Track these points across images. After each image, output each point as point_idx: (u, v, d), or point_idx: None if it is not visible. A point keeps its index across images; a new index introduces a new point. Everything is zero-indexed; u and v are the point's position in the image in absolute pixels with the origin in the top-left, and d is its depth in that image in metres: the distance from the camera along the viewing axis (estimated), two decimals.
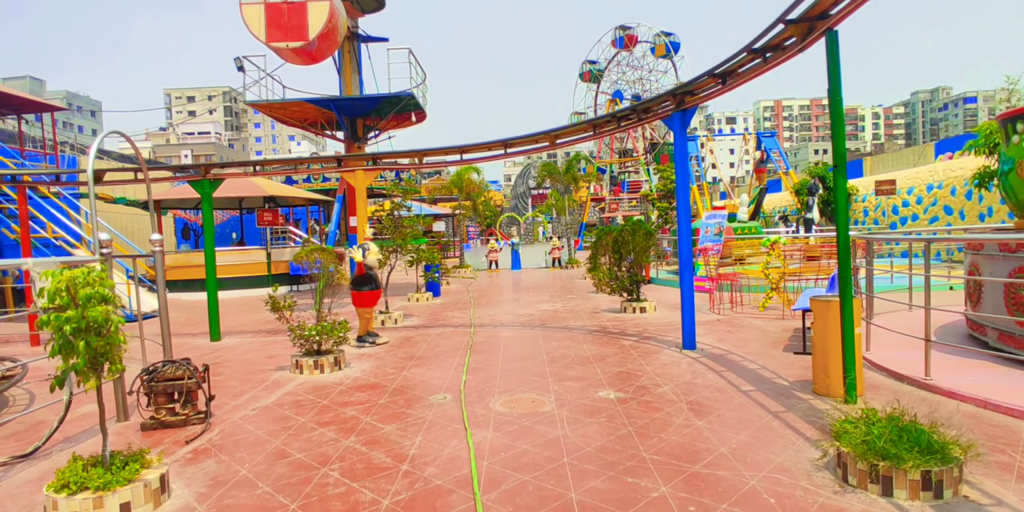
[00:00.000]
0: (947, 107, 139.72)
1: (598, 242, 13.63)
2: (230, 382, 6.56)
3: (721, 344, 7.49)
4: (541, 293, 14.61)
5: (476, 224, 41.47)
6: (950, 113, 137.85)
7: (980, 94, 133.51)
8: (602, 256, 13.79)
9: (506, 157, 8.57)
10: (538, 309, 11.57)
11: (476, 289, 16.27)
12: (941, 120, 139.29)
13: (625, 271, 10.43)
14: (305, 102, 14.05)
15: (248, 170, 9.10)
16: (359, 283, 8.23)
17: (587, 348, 7.56)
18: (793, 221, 21.70)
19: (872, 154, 35.70)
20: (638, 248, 10.16)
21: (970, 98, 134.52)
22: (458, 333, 9.13)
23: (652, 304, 10.44)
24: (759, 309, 10.01)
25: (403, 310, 12.14)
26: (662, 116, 7.21)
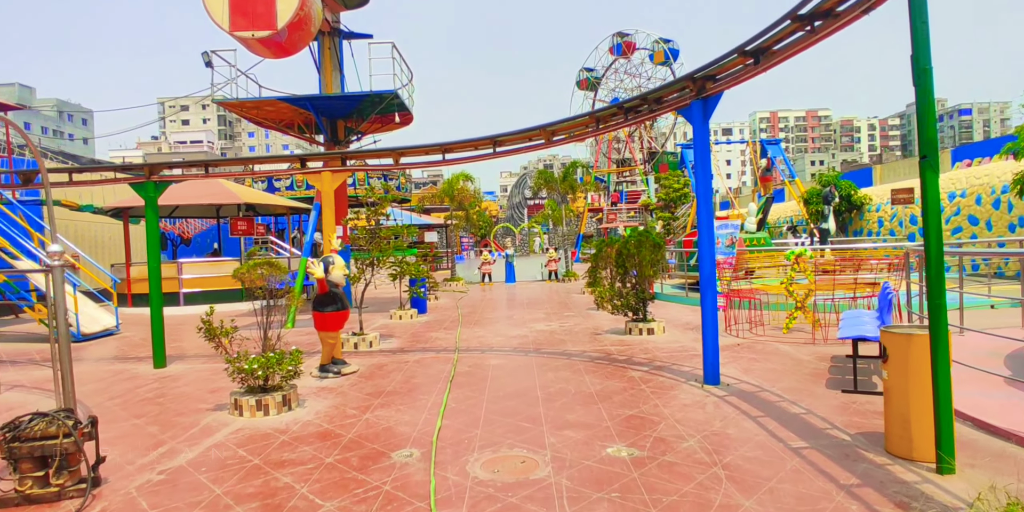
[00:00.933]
0: (942, 119, 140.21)
1: (599, 255, 12.46)
2: (150, 427, 5.31)
3: (749, 377, 6.29)
4: (536, 310, 13.40)
5: (470, 235, 40.33)
6: (945, 125, 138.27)
7: (975, 106, 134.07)
8: (603, 270, 12.63)
9: (495, 156, 7.42)
10: (532, 329, 10.36)
11: (466, 304, 15.06)
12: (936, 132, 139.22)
13: (630, 288, 9.25)
14: (279, 101, 12.91)
15: (199, 171, 7.94)
16: (322, 303, 7.03)
17: (590, 381, 6.35)
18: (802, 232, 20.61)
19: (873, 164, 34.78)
20: (644, 262, 8.99)
21: (965, 110, 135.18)
22: (440, 360, 7.91)
23: (661, 324, 9.25)
24: (782, 331, 8.83)
25: (382, 330, 10.91)
26: (678, 106, 6.07)
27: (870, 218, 18.83)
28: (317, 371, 7.16)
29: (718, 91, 5.71)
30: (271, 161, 7.89)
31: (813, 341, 8.03)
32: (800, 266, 8.65)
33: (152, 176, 7.79)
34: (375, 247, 9.33)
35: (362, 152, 8.03)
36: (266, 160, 7.90)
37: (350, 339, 9.06)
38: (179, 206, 19.13)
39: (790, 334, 8.72)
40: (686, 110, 5.99)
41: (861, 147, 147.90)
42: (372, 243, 9.36)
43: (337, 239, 7.62)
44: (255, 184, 24.14)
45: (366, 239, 9.26)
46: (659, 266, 9.13)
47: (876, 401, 5.16)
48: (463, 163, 7.39)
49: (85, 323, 11.20)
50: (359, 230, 9.13)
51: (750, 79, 5.44)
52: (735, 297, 9.38)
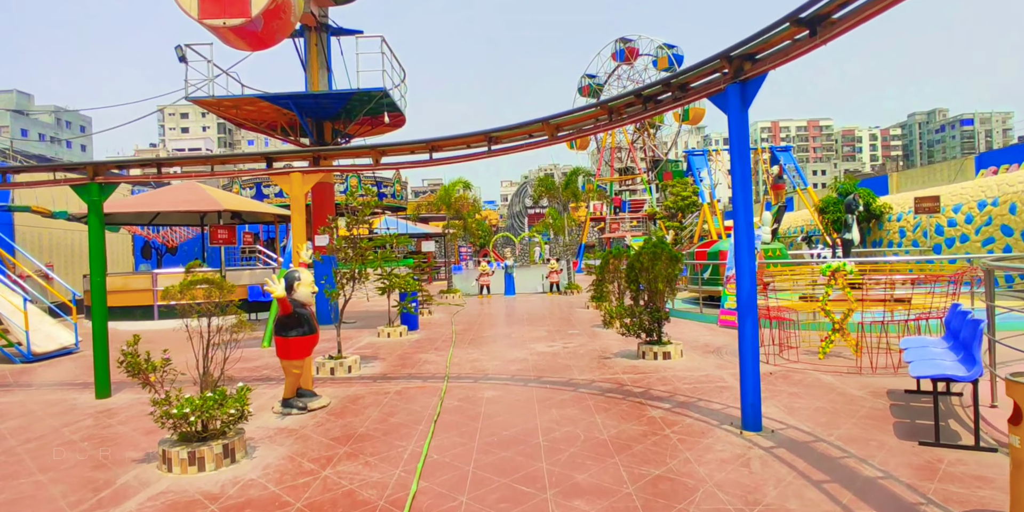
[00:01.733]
0: (944, 129, 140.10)
1: (605, 267, 11.42)
2: (54, 488, 4.23)
3: (795, 419, 5.21)
4: (537, 326, 12.32)
5: (469, 244, 39.28)
6: (947, 135, 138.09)
7: (977, 116, 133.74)
8: (610, 284, 11.58)
9: (491, 155, 6.39)
10: (533, 351, 9.28)
11: (462, 320, 13.98)
12: (938, 142, 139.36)
13: (643, 306, 8.18)
14: (260, 99, 11.94)
15: (152, 171, 6.92)
16: (284, 326, 5.96)
17: (602, 423, 5.27)
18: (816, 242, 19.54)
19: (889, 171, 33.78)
20: (660, 277, 7.93)
21: (967, 120, 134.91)
22: (426, 391, 6.82)
23: (678, 347, 8.17)
24: (818, 356, 7.74)
25: (366, 350, 9.83)
26: (710, 92, 5.05)
27: (890, 228, 17.79)
28: (279, 405, 6.08)
29: (760, 72, 4.68)
30: (234, 160, 6.82)
31: (859, 370, 6.94)
32: (839, 282, 7.59)
33: (96, 177, 6.76)
34: (356, 258, 8.27)
35: (339, 150, 7.00)
36: (229, 159, 6.86)
37: (326, 363, 7.99)
38: (160, 213, 18.15)
39: (827, 359, 7.63)
40: (719, 97, 4.96)
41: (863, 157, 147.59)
42: (354, 254, 8.30)
43: (307, 251, 6.57)
44: (243, 191, 23.16)
45: (346, 249, 8.20)
46: (675, 282, 8.07)
47: (969, 459, 4.08)
48: (454, 163, 6.36)
49: (38, 341, 10.13)
50: (338, 239, 8.09)
51: (802, 56, 4.41)
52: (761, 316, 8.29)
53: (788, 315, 8.85)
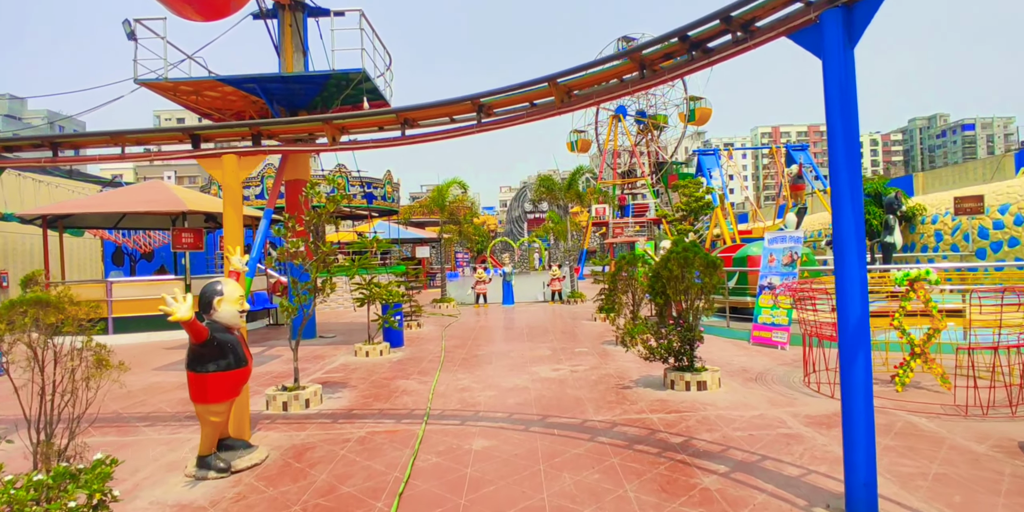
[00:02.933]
0: (945, 134, 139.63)
1: (617, 275, 9.88)
2: None
3: (917, 498, 3.63)
4: (539, 342, 10.74)
5: (466, 250, 37.73)
6: (948, 140, 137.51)
7: (978, 121, 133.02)
8: (623, 293, 10.02)
9: (482, 129, 4.85)
10: (536, 376, 7.71)
11: (455, 333, 12.40)
12: (939, 147, 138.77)
13: (672, 323, 6.61)
14: (221, 83, 10.41)
15: (46, 154, 5.39)
16: (198, 358, 4.38)
17: (636, 500, 3.70)
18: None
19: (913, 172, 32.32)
20: (694, 287, 6.37)
21: (968, 125, 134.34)
22: (397, 438, 5.24)
23: (715, 375, 6.59)
24: (895, 387, 6.17)
25: (335, 374, 8.24)
26: (790, 28, 3.51)
27: (924, 231, 16.25)
28: (193, 466, 4.49)
29: None
30: (150, 138, 5.30)
31: (962, 410, 5.36)
32: (920, 294, 6.03)
33: None
34: (317, 265, 6.70)
35: (283, 123, 5.44)
36: (144, 137, 5.31)
37: (277, 397, 6.40)
38: (126, 215, 16.60)
39: (907, 392, 6.06)
40: (808, 32, 3.43)
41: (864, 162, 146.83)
42: (314, 260, 6.74)
43: (240, 258, 5.01)
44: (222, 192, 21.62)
45: (304, 254, 6.63)
46: (712, 295, 6.51)
47: None
48: (434, 140, 4.83)
49: None
50: (292, 242, 6.53)
51: None
52: (815, 335, 6.72)
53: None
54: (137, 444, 5.33)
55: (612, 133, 41.23)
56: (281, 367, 9.14)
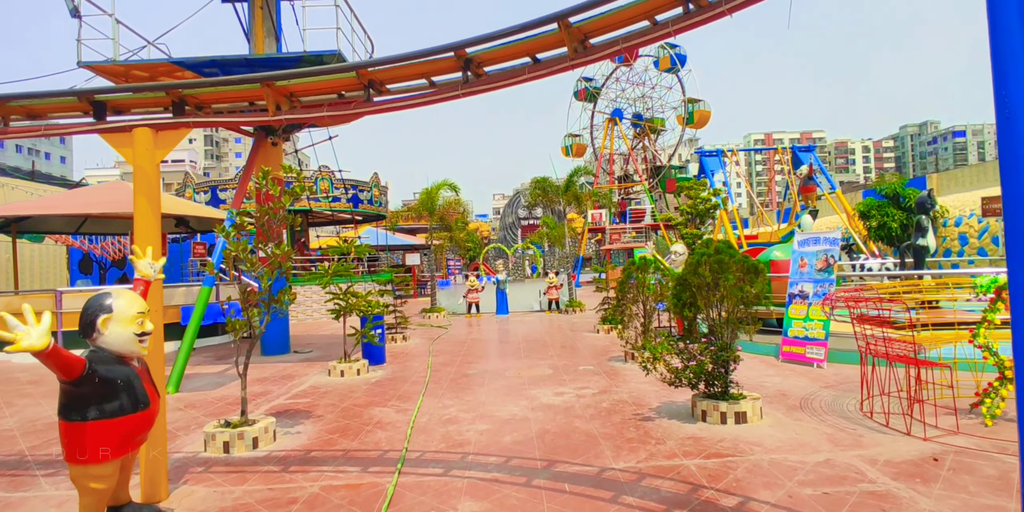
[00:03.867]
0: (936, 141, 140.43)
1: (626, 283, 8.75)
2: None
3: None
4: (538, 358, 9.55)
5: (458, 257, 36.53)
6: (940, 147, 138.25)
7: (968, 128, 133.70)
8: (632, 304, 8.88)
9: (472, 90, 3.69)
10: (536, 402, 6.51)
11: (444, 348, 11.19)
12: (930, 153, 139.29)
13: (705, 342, 5.43)
14: (178, 66, 9.22)
15: None
16: (75, 402, 3.15)
17: None
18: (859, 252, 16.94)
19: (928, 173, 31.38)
20: (731, 298, 5.21)
21: (959, 132, 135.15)
22: (360, 496, 4.03)
23: (755, 404, 5.42)
24: (985, 422, 5.01)
25: (301, 400, 6.99)
26: None
27: (947, 234, 15.22)
28: None
29: None
30: (41, 106, 4.08)
31: None
32: (1004, 305, 4.88)
33: None
34: (270, 270, 5.49)
35: (210, 85, 4.25)
36: (31, 104, 4.09)
37: (217, 435, 5.16)
38: (88, 218, 15.32)
39: (998, 426, 4.91)
40: None
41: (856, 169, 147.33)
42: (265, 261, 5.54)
43: (152, 264, 3.81)
44: (197, 195, 20.37)
45: (254, 259, 5.42)
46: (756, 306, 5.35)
47: None
48: (410, 106, 3.62)
49: None
50: (233, 243, 5.34)
51: None
52: (880, 354, 5.54)
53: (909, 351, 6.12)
54: (24, 505, 4.10)
55: (608, 137, 40.28)
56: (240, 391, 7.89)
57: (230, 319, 5.61)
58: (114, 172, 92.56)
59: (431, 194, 17.84)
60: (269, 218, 5.86)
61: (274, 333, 11.08)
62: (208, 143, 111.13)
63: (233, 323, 5.52)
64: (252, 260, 5.38)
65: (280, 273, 5.78)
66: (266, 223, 5.75)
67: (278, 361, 10.45)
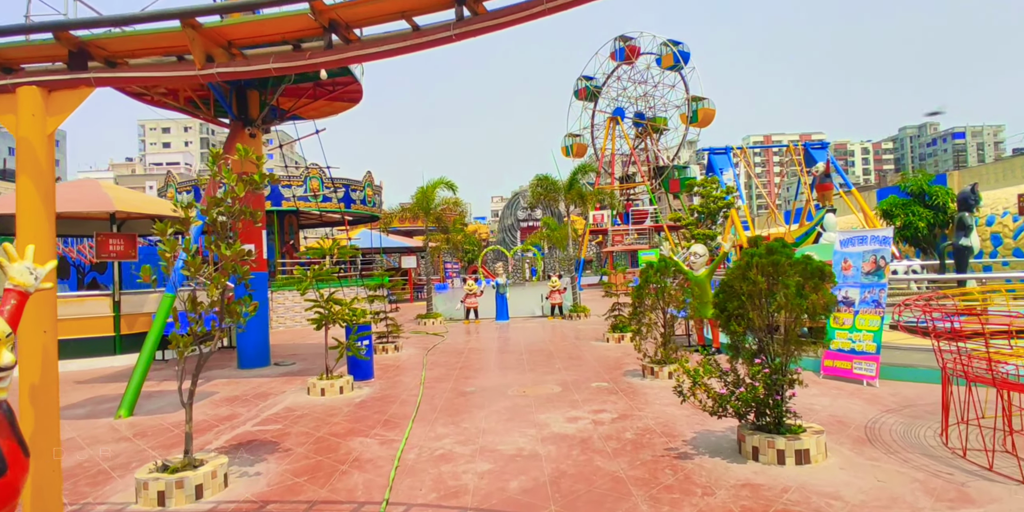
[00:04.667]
0: (935, 142, 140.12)
1: (644, 288, 7.75)
2: None
3: None
4: (544, 372, 8.53)
5: (456, 259, 35.51)
6: (939, 148, 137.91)
7: (968, 129, 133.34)
8: (651, 311, 7.89)
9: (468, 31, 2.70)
10: (546, 431, 5.50)
11: (439, 359, 10.16)
12: (930, 155, 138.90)
13: (759, 363, 4.42)
14: None
15: None
16: None
17: None
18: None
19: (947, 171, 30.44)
20: (791, 308, 4.20)
21: (958, 133, 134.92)
22: None
23: (818, 439, 4.39)
24: None
25: (269, 427, 5.94)
26: None
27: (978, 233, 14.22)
28: None
29: None
30: None
31: None
32: None
33: None
34: (218, 277, 4.47)
35: (120, 20, 3.23)
36: None
37: (152, 483, 4.12)
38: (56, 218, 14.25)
39: None
40: None
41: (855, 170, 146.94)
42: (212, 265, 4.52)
43: (29, 268, 2.78)
44: (180, 195, 19.32)
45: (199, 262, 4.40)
46: (821, 317, 4.33)
47: None
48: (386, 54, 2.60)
49: None
50: (169, 241, 4.34)
51: None
52: (974, 378, 4.51)
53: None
54: None
55: (609, 137, 39.32)
56: (206, 412, 6.87)
57: (174, 334, 4.59)
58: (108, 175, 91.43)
59: (426, 193, 16.82)
60: (225, 213, 4.84)
61: (252, 344, 10.05)
62: (204, 146, 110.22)
63: (176, 339, 4.49)
64: (195, 263, 4.36)
65: (238, 279, 4.77)
66: (218, 219, 4.72)
67: (255, 375, 9.43)
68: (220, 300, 4.61)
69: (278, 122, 10.77)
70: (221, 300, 4.61)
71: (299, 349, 12.33)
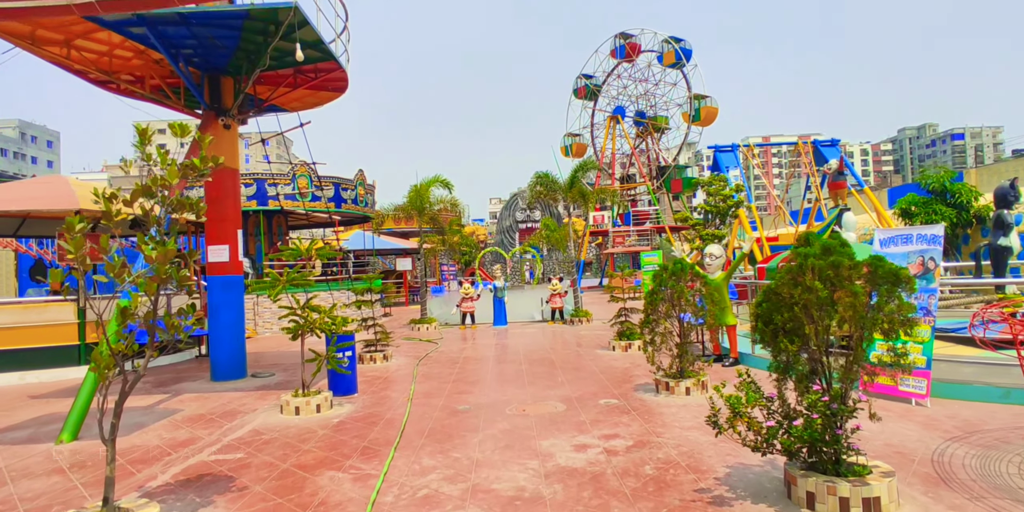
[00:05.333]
0: (935, 144, 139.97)
1: (659, 293, 6.95)
2: None
3: None
4: (546, 387, 7.69)
5: (453, 262, 34.66)
6: (938, 149, 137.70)
7: (967, 130, 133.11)
8: (665, 319, 7.08)
9: None
10: (551, 464, 4.66)
11: (431, 371, 9.32)
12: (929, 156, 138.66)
13: (817, 389, 3.59)
14: (96, 24, 7.36)
15: None
16: None
17: None
18: None
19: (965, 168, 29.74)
20: (867, 319, 3.37)
21: (958, 135, 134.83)
22: None
23: (890, 484, 3.56)
24: None
25: (230, 455, 5.07)
26: None
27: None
28: None
29: None
30: None
31: None
32: None
33: None
34: (146, 283, 3.64)
35: None
36: None
37: None
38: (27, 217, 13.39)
39: None
40: None
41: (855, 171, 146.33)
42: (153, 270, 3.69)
43: None
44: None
45: (119, 263, 3.58)
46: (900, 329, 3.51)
47: None
48: None
49: None
50: (69, 242, 3.52)
51: None
52: None
53: None
54: None
55: (610, 136, 38.53)
56: (162, 435, 6.02)
57: (100, 351, 3.76)
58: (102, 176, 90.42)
59: (420, 191, 15.98)
60: (163, 204, 4.01)
61: (226, 354, 9.20)
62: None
63: (96, 358, 3.66)
64: (115, 266, 3.52)
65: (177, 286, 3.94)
66: (154, 212, 3.89)
67: (229, 389, 8.59)
68: (153, 311, 3.78)
69: (255, 112, 9.94)
70: (154, 310, 3.78)
71: (283, 358, 11.49)
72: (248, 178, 17.17)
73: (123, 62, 8.66)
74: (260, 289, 7.10)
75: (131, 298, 3.61)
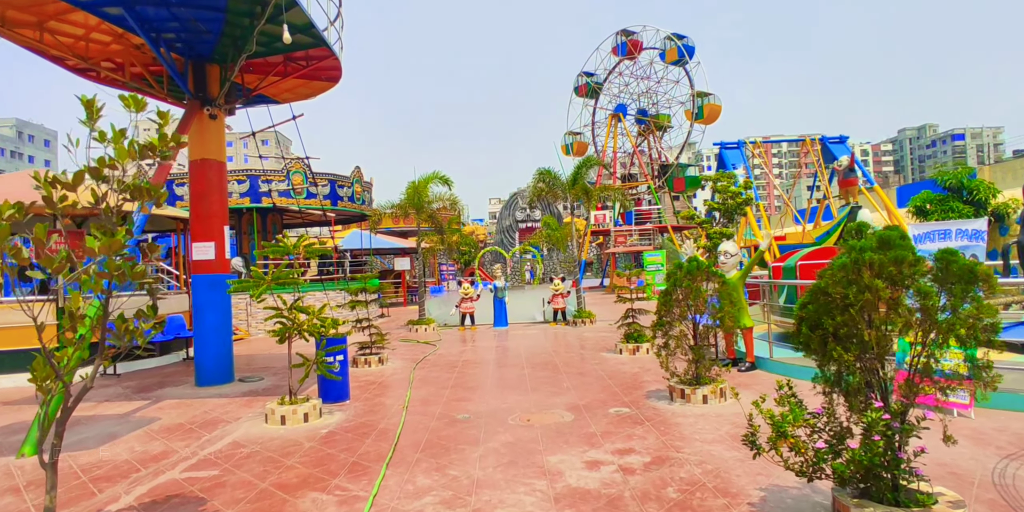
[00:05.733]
0: (935, 144, 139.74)
1: (673, 295, 6.46)
2: None
3: None
4: (550, 393, 7.18)
5: (452, 261, 34.15)
6: (938, 150, 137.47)
7: (968, 131, 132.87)
8: (679, 322, 6.59)
9: None
10: (560, 484, 4.16)
11: (428, 376, 8.81)
12: (929, 157, 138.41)
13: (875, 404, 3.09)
14: (70, 4, 6.85)
15: None
16: None
17: None
18: None
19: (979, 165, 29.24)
20: (937, 325, 2.86)
21: (958, 135, 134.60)
22: None
23: None
24: None
25: (205, 471, 4.53)
26: None
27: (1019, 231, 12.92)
28: None
29: None
30: None
31: None
32: None
33: None
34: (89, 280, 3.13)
35: None
36: None
37: None
38: None
39: None
40: None
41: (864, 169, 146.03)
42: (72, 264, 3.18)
43: None
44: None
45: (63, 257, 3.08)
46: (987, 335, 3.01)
47: None
48: None
49: None
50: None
51: None
52: None
53: None
54: None
55: (611, 135, 38.03)
56: (134, 448, 5.50)
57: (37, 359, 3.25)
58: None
59: (418, 188, 15.47)
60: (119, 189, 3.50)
61: (211, 357, 8.69)
62: None
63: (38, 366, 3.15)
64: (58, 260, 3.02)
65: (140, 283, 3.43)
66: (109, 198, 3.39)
67: (213, 394, 8.08)
68: (104, 313, 3.27)
69: (244, 102, 9.43)
70: (105, 312, 3.28)
71: (275, 361, 10.97)
72: (241, 174, 16.66)
73: (101, 47, 8.15)
74: (242, 288, 6.58)
75: (71, 297, 3.10)
